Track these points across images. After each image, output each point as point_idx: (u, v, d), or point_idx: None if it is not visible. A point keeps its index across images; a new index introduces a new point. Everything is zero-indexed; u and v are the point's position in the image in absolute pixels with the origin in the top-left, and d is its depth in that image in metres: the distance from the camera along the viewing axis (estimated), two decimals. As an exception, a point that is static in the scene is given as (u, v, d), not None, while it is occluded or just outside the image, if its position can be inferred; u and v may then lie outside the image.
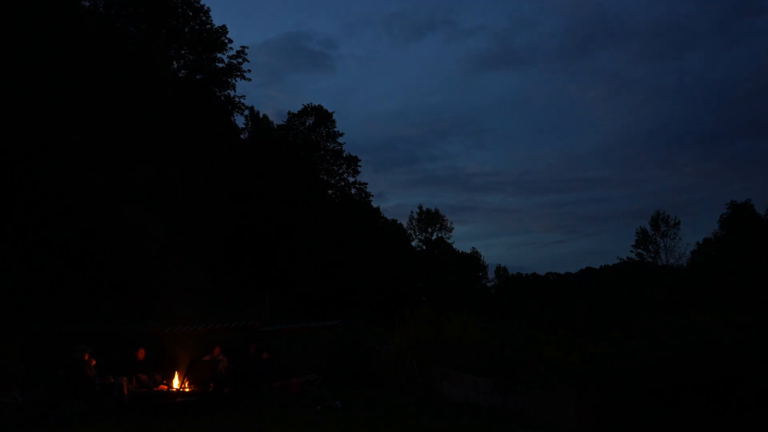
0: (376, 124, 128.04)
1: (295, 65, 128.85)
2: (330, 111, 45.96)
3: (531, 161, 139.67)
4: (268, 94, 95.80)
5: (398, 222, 62.68)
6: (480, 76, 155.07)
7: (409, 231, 66.70)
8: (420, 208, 69.61)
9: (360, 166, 47.35)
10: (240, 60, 29.81)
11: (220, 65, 29.26)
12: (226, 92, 30.01)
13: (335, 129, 46.46)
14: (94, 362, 11.21)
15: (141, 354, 12.49)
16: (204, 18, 28.18)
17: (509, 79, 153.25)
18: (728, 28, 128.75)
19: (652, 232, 59.85)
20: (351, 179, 47.49)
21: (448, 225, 69.06)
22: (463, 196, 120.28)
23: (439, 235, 68.75)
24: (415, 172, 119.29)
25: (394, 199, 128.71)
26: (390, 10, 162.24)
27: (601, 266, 76.67)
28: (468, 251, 75.03)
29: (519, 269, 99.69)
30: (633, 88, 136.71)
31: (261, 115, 45.26)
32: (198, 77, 28.39)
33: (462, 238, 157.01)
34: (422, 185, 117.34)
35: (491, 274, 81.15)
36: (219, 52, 28.99)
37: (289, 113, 46.00)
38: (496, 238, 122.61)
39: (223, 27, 28.98)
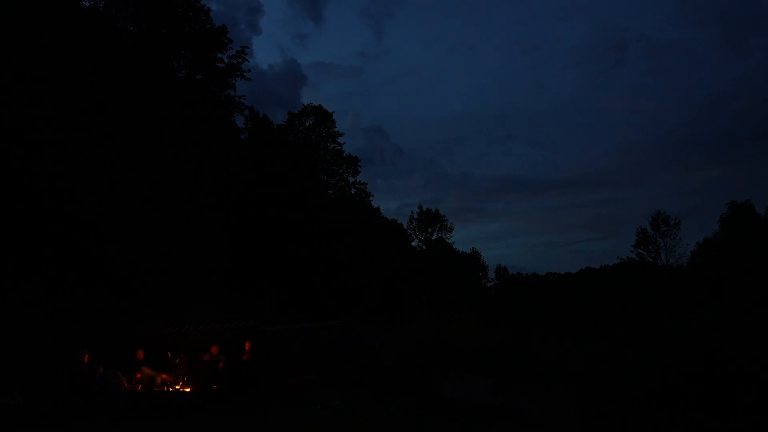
0: (415, 129, 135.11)
1: (334, 76, 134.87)
2: (330, 111, 46.02)
3: (545, 164, 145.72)
4: (302, 102, 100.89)
5: (398, 222, 62.77)
6: (505, 87, 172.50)
7: (409, 231, 66.71)
8: (420, 208, 69.62)
9: (360, 167, 47.37)
10: (240, 60, 29.82)
11: (221, 65, 29.28)
12: (226, 92, 30.04)
13: (335, 129, 46.47)
14: (91, 364, 11.21)
15: (140, 355, 12.49)
16: (204, 18, 28.19)
17: (532, 90, 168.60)
18: (734, 43, 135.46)
19: (653, 232, 59.89)
20: (351, 179, 47.50)
21: (448, 225, 69.12)
22: (476, 198, 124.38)
23: (440, 235, 68.79)
24: (436, 175, 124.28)
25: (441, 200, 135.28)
26: (430, 33, 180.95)
27: (601, 266, 76.95)
28: (469, 251, 75.30)
29: (531, 270, 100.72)
30: (644, 96, 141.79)
31: (261, 115, 45.29)
32: (198, 77, 28.39)
33: (473, 239, 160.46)
34: (435, 186, 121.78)
35: (491, 274, 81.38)
36: (219, 52, 29.00)
37: (289, 113, 45.90)
38: (515, 238, 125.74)
39: (223, 27, 28.96)
